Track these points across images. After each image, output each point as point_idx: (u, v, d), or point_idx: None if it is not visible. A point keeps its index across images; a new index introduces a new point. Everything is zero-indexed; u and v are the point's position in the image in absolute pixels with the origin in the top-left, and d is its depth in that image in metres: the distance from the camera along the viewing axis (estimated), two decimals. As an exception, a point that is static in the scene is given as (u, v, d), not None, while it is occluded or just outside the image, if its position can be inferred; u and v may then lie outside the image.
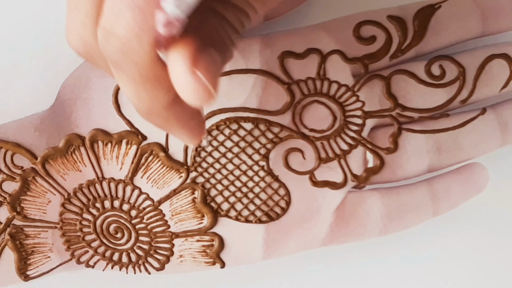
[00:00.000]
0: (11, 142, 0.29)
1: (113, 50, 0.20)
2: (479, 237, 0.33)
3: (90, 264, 0.31)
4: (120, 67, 0.20)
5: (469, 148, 0.31)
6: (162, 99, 0.21)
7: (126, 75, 0.21)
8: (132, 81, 0.21)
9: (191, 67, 0.19)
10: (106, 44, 0.20)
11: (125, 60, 0.20)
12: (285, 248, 0.31)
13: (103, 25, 0.20)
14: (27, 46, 0.31)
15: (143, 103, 0.22)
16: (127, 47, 0.20)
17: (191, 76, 0.19)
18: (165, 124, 0.23)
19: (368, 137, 0.30)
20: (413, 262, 0.33)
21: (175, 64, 0.20)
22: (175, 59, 0.20)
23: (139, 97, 0.21)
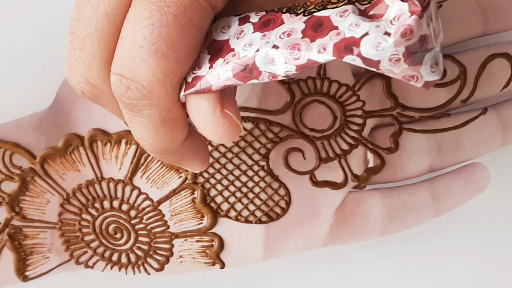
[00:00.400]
0: (10, 142, 0.29)
1: (134, 97, 0.20)
2: (480, 237, 0.33)
3: (89, 265, 0.31)
4: (140, 112, 0.20)
5: (470, 148, 0.31)
6: (178, 137, 0.22)
7: (147, 119, 0.21)
8: (152, 124, 0.21)
9: (220, 108, 0.20)
10: (126, 91, 0.20)
11: (147, 105, 0.20)
12: (285, 249, 0.31)
13: (119, 72, 0.20)
14: (26, 45, 0.31)
15: (160, 144, 0.22)
16: (150, 92, 0.20)
17: (222, 116, 0.20)
18: (179, 159, 0.23)
19: (369, 137, 0.30)
20: (414, 263, 0.33)
21: (202, 108, 0.20)
22: (201, 102, 0.20)
23: (157, 139, 0.21)
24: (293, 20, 0.19)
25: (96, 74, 0.21)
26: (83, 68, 0.21)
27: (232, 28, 0.21)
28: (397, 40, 0.17)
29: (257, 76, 0.19)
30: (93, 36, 0.20)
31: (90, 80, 0.21)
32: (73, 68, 0.21)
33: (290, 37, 0.19)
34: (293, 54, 0.19)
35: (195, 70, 0.20)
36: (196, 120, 0.21)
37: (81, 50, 0.21)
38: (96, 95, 0.22)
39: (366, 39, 0.18)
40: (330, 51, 0.18)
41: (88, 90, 0.22)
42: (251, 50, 0.19)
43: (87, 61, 0.21)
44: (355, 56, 0.18)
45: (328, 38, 0.18)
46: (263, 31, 0.20)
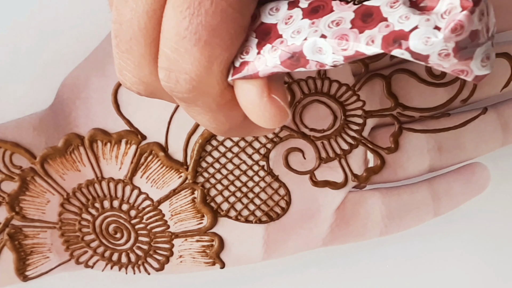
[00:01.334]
0: (10, 142, 0.29)
1: (185, 89, 0.20)
2: (480, 237, 0.33)
3: (89, 265, 0.31)
4: (195, 103, 0.20)
5: (470, 147, 0.31)
6: (238, 115, 0.21)
7: (202, 108, 0.21)
8: (208, 111, 0.21)
9: (268, 93, 0.20)
10: (176, 84, 0.20)
11: (199, 94, 0.20)
12: (285, 248, 0.31)
13: (165, 66, 0.20)
14: (26, 45, 0.31)
15: (224, 125, 0.22)
16: (199, 82, 0.20)
17: (269, 101, 0.20)
18: (246, 131, 0.23)
19: (369, 137, 0.30)
20: (414, 263, 0.33)
21: (249, 93, 0.20)
22: (248, 87, 0.20)
23: (218, 122, 0.21)
24: (343, 9, 0.19)
25: (147, 72, 0.21)
26: (134, 69, 0.21)
27: (281, 11, 0.20)
28: (446, 36, 0.17)
29: (304, 65, 0.19)
30: (137, 35, 0.20)
31: (143, 80, 0.21)
32: (124, 71, 0.21)
33: (338, 27, 0.19)
34: (341, 44, 0.18)
35: (242, 55, 0.20)
36: (243, 105, 0.20)
37: (129, 52, 0.21)
38: (152, 92, 0.22)
39: (416, 33, 0.17)
40: (379, 44, 0.18)
41: (143, 89, 0.22)
42: (299, 38, 0.19)
43: (136, 61, 0.21)
44: (403, 50, 0.18)
45: (377, 30, 0.18)
46: (312, 18, 0.19)
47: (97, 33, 0.30)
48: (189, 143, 0.30)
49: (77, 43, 0.30)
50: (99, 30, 0.30)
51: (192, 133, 0.30)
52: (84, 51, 0.30)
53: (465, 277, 0.34)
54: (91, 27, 0.30)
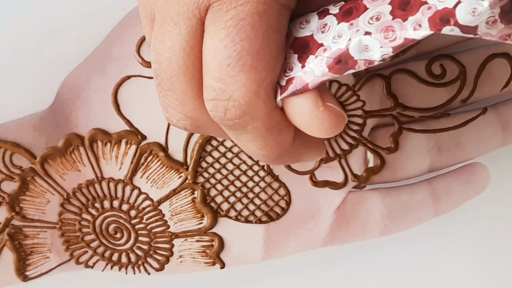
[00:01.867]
0: (10, 142, 0.29)
1: (235, 115, 0.20)
2: (480, 237, 0.33)
3: (89, 265, 0.31)
4: (245, 129, 0.21)
5: (470, 147, 0.31)
6: (287, 138, 0.22)
7: (252, 133, 0.21)
8: (259, 136, 0.21)
9: (322, 103, 0.20)
10: (225, 113, 0.20)
11: (249, 119, 0.20)
12: (285, 249, 0.31)
13: (212, 97, 0.20)
14: (26, 45, 0.31)
15: (273, 150, 0.22)
16: (248, 107, 0.20)
17: (326, 110, 0.20)
18: (297, 157, 0.23)
19: (369, 137, 0.30)
20: (414, 263, 0.33)
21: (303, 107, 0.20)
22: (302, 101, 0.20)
23: (268, 147, 0.21)
24: (377, 4, 0.19)
25: (192, 108, 0.21)
26: (178, 106, 0.21)
27: (312, 22, 0.20)
28: (492, 2, 0.18)
29: (353, 66, 0.19)
30: (178, 73, 0.21)
31: (188, 115, 0.21)
32: (169, 108, 0.22)
33: (379, 21, 0.19)
34: (388, 36, 0.19)
35: (286, 73, 0.20)
36: (299, 120, 0.21)
37: (171, 90, 0.21)
38: (198, 126, 0.22)
39: (461, 7, 0.18)
40: (427, 26, 0.18)
41: (190, 124, 0.22)
42: (343, 41, 0.19)
43: (179, 98, 0.21)
44: (452, 26, 0.18)
45: (420, 14, 0.18)
46: (349, 20, 0.19)
47: (97, 33, 0.30)
48: (189, 143, 0.30)
49: (77, 43, 0.30)
50: (99, 30, 0.30)
51: (192, 133, 0.30)
52: (84, 51, 0.30)
53: (465, 277, 0.33)
54: (91, 27, 0.30)
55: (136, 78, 0.29)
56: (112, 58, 0.29)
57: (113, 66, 0.29)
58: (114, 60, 0.29)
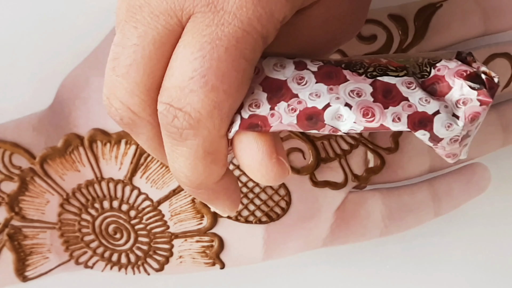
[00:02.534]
0: (9, 142, 0.29)
1: (181, 125, 0.20)
2: (481, 237, 0.33)
3: (89, 265, 0.31)
4: (184, 142, 0.20)
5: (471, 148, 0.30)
6: (217, 172, 0.22)
7: (189, 149, 0.20)
8: (193, 155, 0.21)
9: (276, 155, 0.21)
10: (173, 119, 0.20)
11: (192, 135, 0.20)
12: (285, 249, 0.31)
13: (167, 101, 0.20)
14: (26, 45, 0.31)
15: (198, 177, 0.21)
16: (197, 123, 0.20)
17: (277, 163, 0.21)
18: (212, 198, 0.23)
19: (369, 137, 0.30)
20: (414, 263, 0.33)
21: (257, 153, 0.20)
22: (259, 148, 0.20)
23: (195, 172, 0.21)
24: (357, 80, 0.20)
25: (137, 101, 0.21)
26: (124, 95, 0.21)
27: (287, 69, 0.21)
28: (466, 124, 0.20)
29: (320, 128, 0.20)
30: (139, 63, 0.20)
31: (130, 107, 0.21)
32: (113, 95, 0.21)
33: (360, 98, 0.20)
34: (367, 116, 0.20)
35: (252, 108, 0.20)
36: (246, 161, 0.21)
37: (124, 77, 0.21)
38: (134, 122, 0.22)
39: (438, 117, 0.20)
40: (405, 122, 0.20)
41: (127, 117, 0.21)
42: (321, 102, 0.20)
43: (129, 88, 0.21)
44: (426, 131, 0.20)
45: (400, 108, 0.20)
46: (328, 83, 0.20)
47: (97, 33, 0.30)
48: (189, 143, 0.30)
49: (77, 43, 0.30)
50: (99, 30, 0.30)
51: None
52: (84, 51, 0.30)
53: (465, 278, 0.33)
54: (91, 27, 0.30)
55: (135, 78, 0.29)
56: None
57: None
58: (114, 60, 0.29)
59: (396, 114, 0.20)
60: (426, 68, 0.21)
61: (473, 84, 0.20)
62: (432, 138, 0.20)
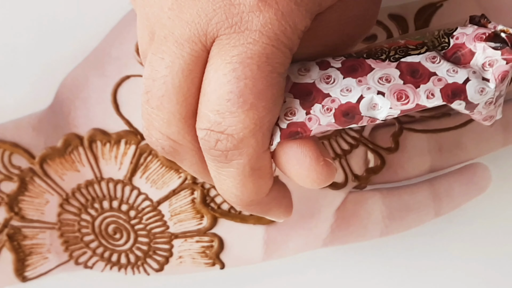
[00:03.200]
0: (9, 142, 0.29)
1: (225, 147, 0.20)
2: (481, 237, 0.33)
3: (88, 265, 0.31)
4: (230, 163, 0.20)
5: (471, 148, 0.30)
6: (265, 186, 0.22)
7: (236, 169, 0.21)
8: (241, 174, 0.21)
9: (323, 158, 0.21)
10: (216, 144, 0.20)
11: (238, 154, 0.20)
12: (285, 249, 0.31)
13: (206, 127, 0.20)
14: (26, 45, 0.31)
15: (248, 195, 0.22)
16: (241, 143, 0.20)
17: (325, 165, 0.21)
18: (265, 210, 0.23)
19: (369, 137, 0.30)
20: (414, 263, 0.33)
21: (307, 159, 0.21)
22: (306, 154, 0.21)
23: (245, 189, 0.21)
24: (382, 66, 0.21)
25: (176, 131, 0.21)
26: (162, 126, 0.21)
27: (312, 72, 0.21)
28: (497, 85, 0.20)
29: (358, 121, 0.20)
30: (170, 93, 0.20)
31: (170, 137, 0.21)
32: (151, 126, 0.21)
33: (391, 83, 0.20)
34: (401, 100, 0.20)
35: (288, 116, 0.21)
36: (294, 169, 0.21)
37: (159, 108, 0.21)
38: (176, 150, 0.22)
39: (470, 85, 0.20)
40: (439, 97, 0.20)
41: (168, 146, 0.22)
42: (353, 95, 0.20)
43: (166, 118, 0.21)
44: (461, 100, 0.20)
45: (431, 84, 0.20)
46: (355, 76, 0.21)
47: (97, 33, 0.30)
48: (188, 143, 0.30)
49: (77, 43, 0.30)
50: (99, 30, 0.30)
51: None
52: (83, 51, 0.30)
53: (465, 278, 0.33)
54: (91, 27, 0.30)
55: (135, 78, 0.29)
56: (111, 58, 0.29)
57: (112, 66, 0.29)
58: (113, 60, 0.29)
59: (429, 91, 0.20)
60: (444, 39, 0.21)
61: (494, 44, 0.20)
62: (468, 106, 0.20)
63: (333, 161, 0.21)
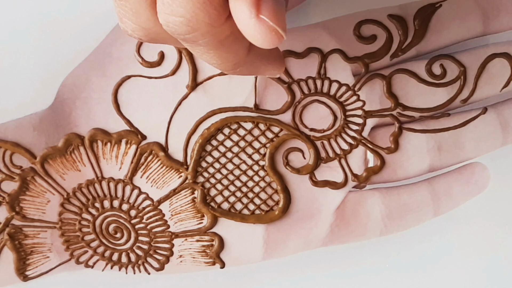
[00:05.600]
0: (10, 142, 0.29)
1: (184, 31, 0.20)
2: (480, 237, 0.33)
3: (89, 264, 0.31)
4: (196, 42, 0.21)
5: (470, 147, 0.31)
6: (242, 49, 0.22)
7: (205, 46, 0.21)
8: (211, 48, 0.21)
9: (256, 13, 0.20)
10: (175, 28, 0.20)
11: (198, 34, 0.20)
12: (285, 248, 0.31)
13: (162, 11, 0.20)
14: (26, 45, 0.31)
15: (228, 61, 0.22)
16: (196, 23, 0.20)
17: (258, 22, 0.20)
18: (253, 69, 0.24)
19: (369, 137, 0.30)
20: (414, 262, 0.33)
21: (240, 14, 0.20)
22: (239, 8, 0.20)
23: (223, 59, 0.22)
24: None
25: (145, 19, 0.21)
26: (132, 16, 0.22)
27: None
28: None
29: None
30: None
31: (142, 26, 0.22)
32: (124, 19, 0.22)
33: None
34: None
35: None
36: (238, 26, 0.20)
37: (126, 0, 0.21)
38: (153, 38, 0.22)
39: None
40: None
41: (144, 35, 0.22)
42: None
43: (134, 8, 0.21)
44: None
45: None
46: None
47: (97, 33, 0.30)
48: (189, 143, 0.30)
49: (77, 43, 0.30)
50: (99, 30, 0.30)
51: (192, 133, 0.30)
52: (84, 51, 0.30)
53: (465, 277, 0.34)
54: (91, 27, 0.30)
55: (136, 78, 0.29)
56: (112, 58, 0.29)
57: (113, 66, 0.29)
58: (114, 60, 0.29)
59: None
60: None
61: None
62: None
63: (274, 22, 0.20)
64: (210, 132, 0.30)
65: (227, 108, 0.30)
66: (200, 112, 0.30)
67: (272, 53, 0.25)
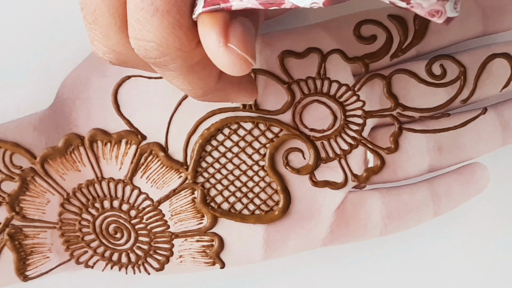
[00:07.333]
0: (10, 142, 0.29)
1: (155, 55, 0.20)
2: (480, 237, 0.33)
3: (89, 264, 0.31)
4: (167, 67, 0.21)
5: (470, 147, 0.31)
6: (212, 75, 0.22)
7: (175, 71, 0.21)
8: (181, 73, 0.21)
9: (224, 42, 0.20)
10: (146, 52, 0.20)
11: (169, 58, 0.20)
12: (285, 248, 0.31)
13: (133, 36, 0.20)
14: (26, 45, 0.31)
15: (199, 87, 0.22)
16: (165, 48, 0.20)
17: (226, 51, 0.20)
18: (223, 95, 0.24)
19: (369, 137, 0.30)
20: (414, 263, 0.33)
21: (209, 42, 0.20)
22: (207, 37, 0.20)
23: (194, 85, 0.22)
24: None
25: (115, 42, 0.22)
26: (102, 39, 0.22)
27: None
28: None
29: (280, 4, 0.19)
30: (101, 7, 0.21)
31: (113, 49, 0.22)
32: (95, 41, 0.22)
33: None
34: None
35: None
36: (207, 54, 0.20)
37: (95, 23, 0.21)
38: (124, 61, 0.22)
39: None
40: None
41: (115, 58, 0.22)
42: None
43: (103, 32, 0.21)
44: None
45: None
46: None
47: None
48: (189, 143, 0.30)
49: (77, 43, 0.30)
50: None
51: (192, 133, 0.30)
52: (84, 51, 0.30)
53: (465, 277, 0.34)
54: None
55: (136, 78, 0.29)
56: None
57: (113, 66, 0.29)
58: (114, 60, 0.29)
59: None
60: None
61: None
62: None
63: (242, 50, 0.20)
64: (210, 132, 0.30)
65: (227, 108, 0.30)
66: (200, 112, 0.30)
67: (244, 80, 0.25)
